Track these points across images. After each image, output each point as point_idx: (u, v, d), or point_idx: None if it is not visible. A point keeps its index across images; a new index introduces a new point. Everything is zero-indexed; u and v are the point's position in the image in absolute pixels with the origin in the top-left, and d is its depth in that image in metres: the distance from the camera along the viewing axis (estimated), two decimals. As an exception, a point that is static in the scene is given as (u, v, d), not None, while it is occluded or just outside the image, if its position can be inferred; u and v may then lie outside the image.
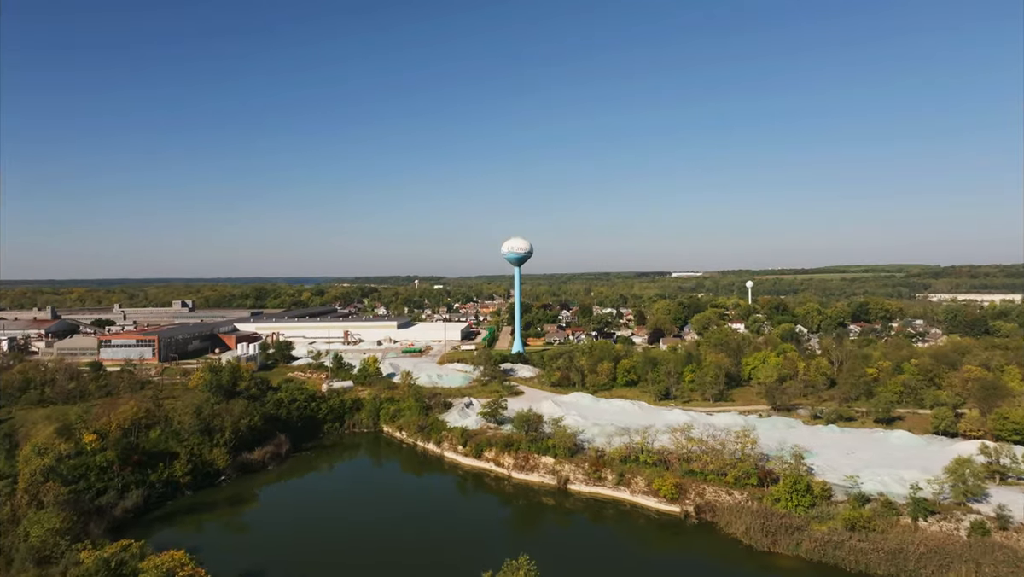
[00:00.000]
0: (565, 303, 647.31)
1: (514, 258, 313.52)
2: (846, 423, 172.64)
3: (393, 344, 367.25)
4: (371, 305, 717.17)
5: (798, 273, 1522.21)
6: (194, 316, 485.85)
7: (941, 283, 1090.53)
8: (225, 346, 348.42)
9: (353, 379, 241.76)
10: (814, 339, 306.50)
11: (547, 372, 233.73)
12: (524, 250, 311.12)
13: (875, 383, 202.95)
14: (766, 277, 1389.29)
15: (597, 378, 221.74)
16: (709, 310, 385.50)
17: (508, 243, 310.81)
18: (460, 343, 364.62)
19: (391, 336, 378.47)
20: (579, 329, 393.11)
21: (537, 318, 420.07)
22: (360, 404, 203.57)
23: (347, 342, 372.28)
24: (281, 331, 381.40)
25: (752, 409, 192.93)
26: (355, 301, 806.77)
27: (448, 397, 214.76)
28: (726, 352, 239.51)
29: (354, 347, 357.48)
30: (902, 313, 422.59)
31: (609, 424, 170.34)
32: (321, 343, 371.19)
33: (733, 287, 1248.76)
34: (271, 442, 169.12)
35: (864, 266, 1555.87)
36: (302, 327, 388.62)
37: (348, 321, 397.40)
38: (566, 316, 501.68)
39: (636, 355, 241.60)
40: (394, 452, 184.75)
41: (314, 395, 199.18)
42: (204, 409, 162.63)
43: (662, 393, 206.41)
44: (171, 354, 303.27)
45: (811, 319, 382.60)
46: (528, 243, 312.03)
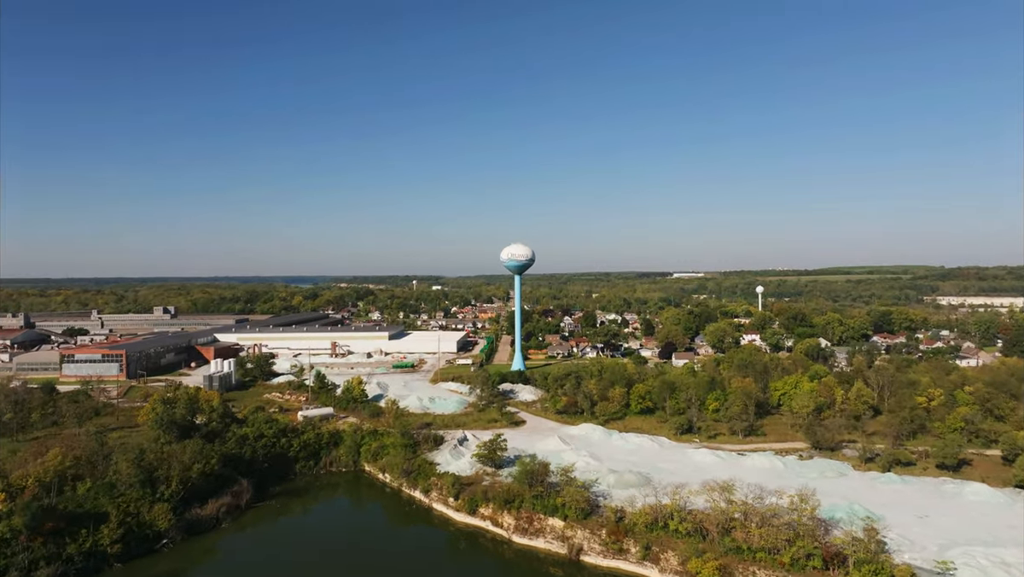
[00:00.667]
0: (567, 309, 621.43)
1: (514, 266, 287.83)
2: (904, 469, 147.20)
3: (384, 356, 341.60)
4: (365, 309, 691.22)
5: (802, 274, 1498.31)
6: (175, 324, 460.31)
7: (948, 285, 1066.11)
8: (203, 359, 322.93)
9: (335, 403, 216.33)
10: (841, 355, 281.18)
11: (552, 398, 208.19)
12: (525, 257, 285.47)
13: (927, 414, 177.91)
14: (770, 279, 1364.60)
15: (608, 406, 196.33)
16: (722, 321, 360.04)
17: (508, 250, 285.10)
18: (456, 356, 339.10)
19: (382, 348, 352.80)
20: (583, 340, 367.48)
21: (538, 327, 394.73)
22: (339, 438, 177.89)
23: (335, 354, 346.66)
24: (264, 342, 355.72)
25: (789, 448, 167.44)
26: (349, 305, 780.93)
27: (440, 428, 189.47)
28: (751, 374, 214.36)
29: (342, 360, 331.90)
30: (926, 323, 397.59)
31: (627, 469, 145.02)
32: (307, 355, 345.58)
33: (737, 289, 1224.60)
34: (229, 491, 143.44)
35: (868, 267, 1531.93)
36: (287, 337, 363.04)
37: (337, 331, 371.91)
38: (569, 324, 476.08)
39: (650, 378, 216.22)
40: (376, 497, 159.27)
41: (286, 428, 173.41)
42: (148, 454, 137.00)
43: (683, 426, 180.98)
44: (139, 371, 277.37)
45: (832, 330, 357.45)
46: (529, 250, 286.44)
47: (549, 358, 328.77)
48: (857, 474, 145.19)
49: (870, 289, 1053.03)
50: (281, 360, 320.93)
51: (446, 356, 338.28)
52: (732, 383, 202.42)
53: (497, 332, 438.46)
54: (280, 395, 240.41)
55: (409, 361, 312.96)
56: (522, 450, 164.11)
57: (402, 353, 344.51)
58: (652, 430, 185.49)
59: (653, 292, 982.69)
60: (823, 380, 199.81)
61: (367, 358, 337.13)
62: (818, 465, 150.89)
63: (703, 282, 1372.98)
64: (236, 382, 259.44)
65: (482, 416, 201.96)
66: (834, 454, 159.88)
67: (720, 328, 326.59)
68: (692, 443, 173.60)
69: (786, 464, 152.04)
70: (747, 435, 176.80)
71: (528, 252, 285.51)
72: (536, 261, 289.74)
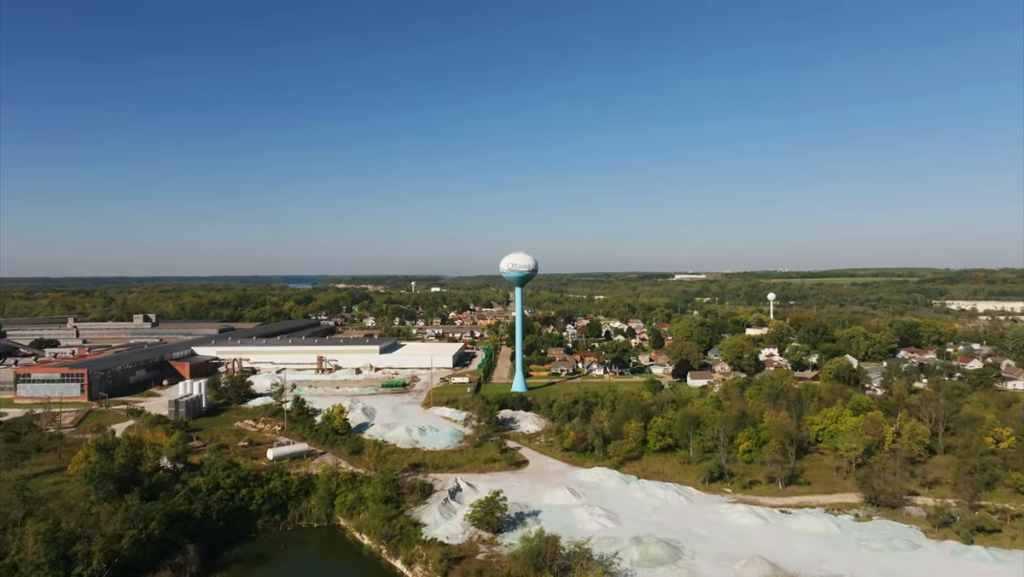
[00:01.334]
0: (569, 316, 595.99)
1: (515, 277, 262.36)
2: (990, 537, 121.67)
3: (374, 373, 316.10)
4: (359, 315, 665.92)
5: (806, 276, 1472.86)
6: (156, 333, 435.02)
7: (957, 289, 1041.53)
8: (177, 376, 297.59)
9: (313, 434, 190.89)
10: (874, 376, 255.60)
11: (558, 434, 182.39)
12: (527, 268, 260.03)
13: (998, 460, 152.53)
14: (774, 281, 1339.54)
15: (623, 444, 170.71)
16: (739, 336, 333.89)
17: (508, 260, 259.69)
18: (451, 372, 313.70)
19: (372, 362, 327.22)
20: (589, 354, 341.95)
21: (540, 340, 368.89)
22: (311, 484, 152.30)
23: (321, 370, 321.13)
24: (246, 356, 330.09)
25: (840, 502, 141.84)
26: (344, 310, 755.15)
27: (431, 469, 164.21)
28: (784, 404, 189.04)
29: (328, 377, 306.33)
30: (955, 336, 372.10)
31: (652, 535, 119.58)
32: (292, 370, 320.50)
33: (741, 292, 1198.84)
34: (169, 561, 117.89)
35: (873, 270, 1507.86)
36: (271, 351, 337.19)
37: (324, 344, 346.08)
38: (572, 334, 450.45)
39: (669, 410, 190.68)
40: (351, 559, 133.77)
41: (248, 476, 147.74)
42: (66, 522, 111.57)
43: (713, 473, 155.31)
44: (100, 393, 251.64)
45: (856, 345, 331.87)
46: (531, 259, 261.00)
47: (552, 376, 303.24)
48: (932, 545, 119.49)
49: (877, 292, 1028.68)
50: (262, 377, 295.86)
51: (441, 371, 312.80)
52: (764, 417, 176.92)
53: (496, 343, 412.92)
54: (253, 423, 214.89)
55: (400, 380, 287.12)
56: (525, 505, 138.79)
57: (393, 369, 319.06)
58: (676, 475, 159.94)
59: (657, 297, 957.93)
60: (869, 415, 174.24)
61: (356, 374, 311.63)
62: (881, 530, 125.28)
63: (706, 284, 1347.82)
64: (207, 406, 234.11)
65: (479, 454, 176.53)
66: (896, 513, 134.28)
67: (737, 343, 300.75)
68: (725, 494, 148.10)
69: (842, 527, 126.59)
70: (788, 484, 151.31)
71: (530, 262, 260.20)
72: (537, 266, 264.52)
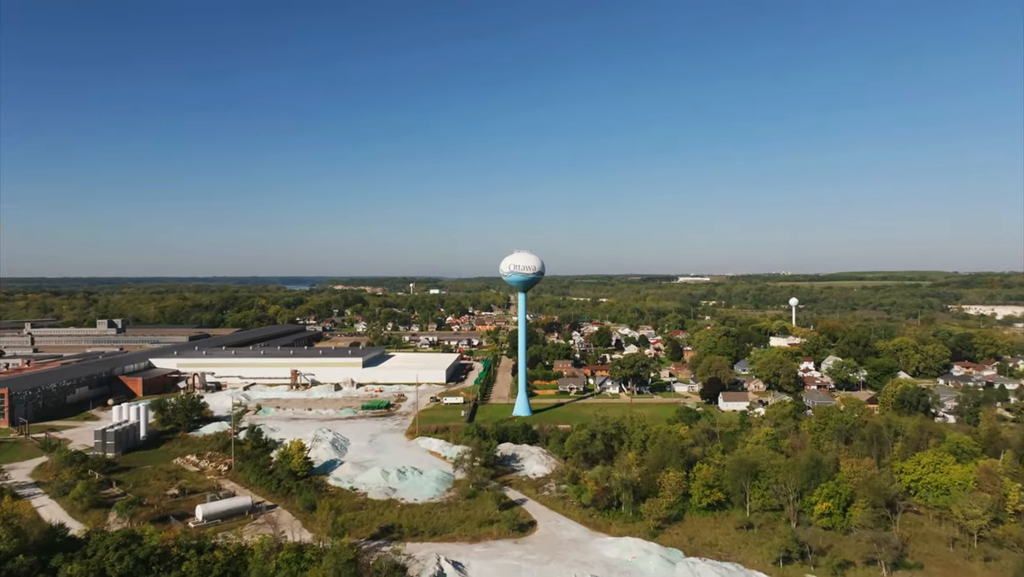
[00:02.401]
0: (575, 321, 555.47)
1: (518, 281, 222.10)
2: None
3: (355, 389, 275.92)
4: (351, 319, 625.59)
5: (813, 280, 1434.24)
6: (120, 340, 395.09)
7: (973, 293, 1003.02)
8: (128, 393, 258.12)
9: (265, 480, 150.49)
10: (947, 400, 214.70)
11: (574, 486, 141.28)
12: (531, 270, 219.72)
13: None
14: (780, 284, 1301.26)
15: (660, 502, 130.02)
16: (774, 349, 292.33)
17: (510, 260, 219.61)
18: (445, 388, 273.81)
19: (354, 377, 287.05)
20: (601, 368, 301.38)
21: (546, 351, 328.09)
22: (242, 563, 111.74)
23: (294, 386, 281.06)
24: (211, 369, 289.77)
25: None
26: (336, 313, 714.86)
27: (407, 534, 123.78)
28: (861, 445, 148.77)
29: (302, 394, 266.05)
30: (1012, 348, 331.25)
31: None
32: (262, 386, 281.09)
33: (748, 295, 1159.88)
34: None
35: (881, 273, 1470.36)
36: (240, 364, 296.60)
37: (300, 357, 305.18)
38: (580, 343, 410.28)
39: (716, 453, 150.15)
40: None
41: (152, 555, 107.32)
42: None
43: (789, 549, 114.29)
44: (20, 418, 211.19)
45: (906, 359, 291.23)
46: (537, 260, 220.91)
47: (560, 394, 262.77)
48: None
49: (889, 296, 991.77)
50: (224, 395, 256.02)
51: (433, 389, 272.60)
52: (841, 464, 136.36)
53: (496, 353, 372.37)
54: (197, 460, 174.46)
55: (383, 400, 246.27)
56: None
57: (378, 385, 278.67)
58: (734, 548, 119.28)
59: (665, 301, 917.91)
60: (980, 463, 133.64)
61: (334, 392, 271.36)
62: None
63: (712, 287, 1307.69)
64: (147, 435, 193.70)
65: (471, 510, 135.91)
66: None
67: (773, 358, 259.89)
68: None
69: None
70: (895, 567, 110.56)
71: (535, 263, 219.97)
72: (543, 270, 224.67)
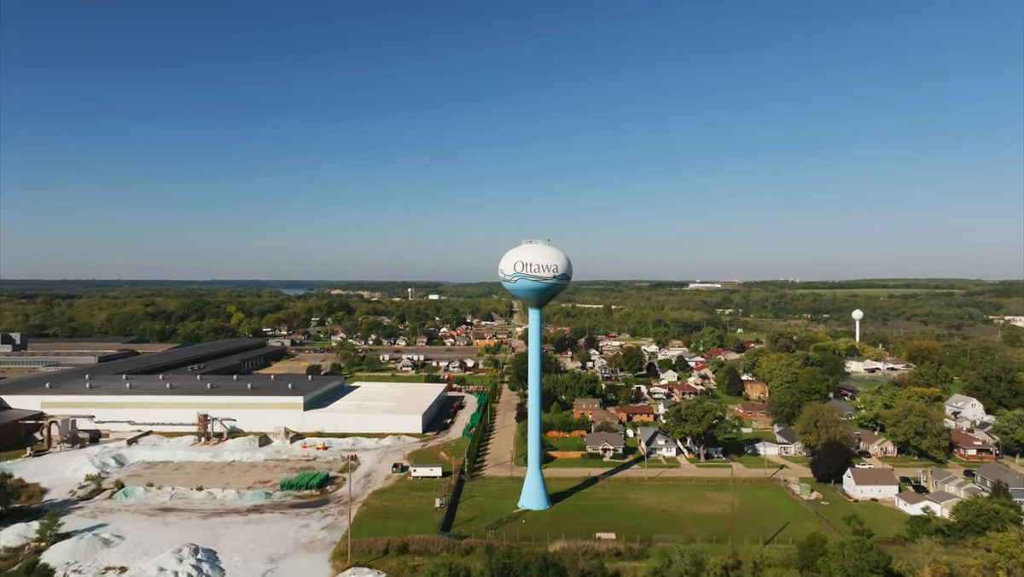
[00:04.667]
0: (592, 336, 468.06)
1: (530, 289, 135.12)
2: None
3: (290, 445, 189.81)
4: (328, 330, 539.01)
5: (835, 287, 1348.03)
6: (10, 361, 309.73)
7: (1014, 302, 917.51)
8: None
9: None
10: None
11: None
12: (552, 272, 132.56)
13: None
14: (802, 292, 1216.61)
15: None
16: (909, 394, 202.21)
17: (515, 256, 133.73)
18: (421, 440, 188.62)
19: (289, 425, 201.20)
20: (639, 409, 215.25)
21: (563, 384, 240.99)
22: None
23: (202, 437, 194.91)
24: (90, 411, 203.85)
25: None
26: (318, 322, 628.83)
27: None
28: None
29: (208, 453, 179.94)
30: None
31: None
32: (157, 437, 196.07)
33: (767, 303, 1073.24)
34: None
35: (906, 280, 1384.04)
36: (135, 403, 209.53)
37: (217, 395, 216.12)
38: (602, 367, 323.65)
39: None
40: None
41: None
42: None
43: None
44: None
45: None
46: (560, 257, 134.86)
47: (590, 459, 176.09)
48: None
49: (923, 306, 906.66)
50: (84, 457, 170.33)
51: (402, 444, 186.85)
52: None
53: (495, 382, 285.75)
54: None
55: (316, 474, 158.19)
56: None
57: (322, 440, 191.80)
58: None
59: (683, 309, 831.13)
60: None
61: (256, 448, 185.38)
62: None
63: (726, 295, 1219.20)
64: None
65: None
66: None
67: (911, 408, 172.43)
68: None
69: None
70: None
71: (557, 261, 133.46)
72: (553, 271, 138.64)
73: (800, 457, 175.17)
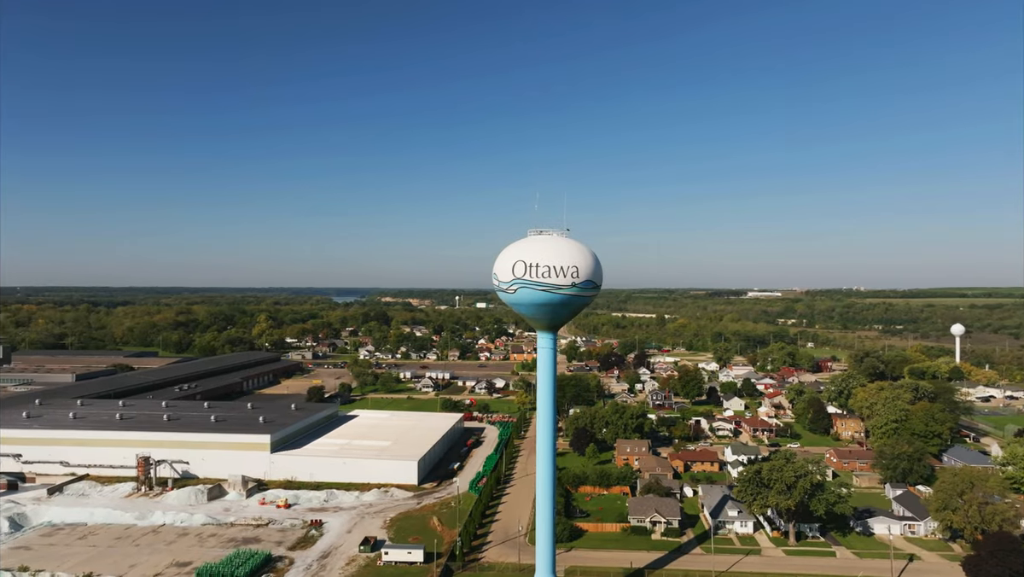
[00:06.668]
0: (643, 352, 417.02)
1: (536, 305, 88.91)
2: None
3: (245, 500, 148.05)
4: (355, 343, 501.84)
5: (908, 296, 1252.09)
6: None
7: None
8: None
9: None
10: None
11: None
12: (570, 278, 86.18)
13: None
14: (871, 301, 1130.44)
15: None
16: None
17: (515, 253, 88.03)
18: (415, 494, 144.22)
19: (247, 473, 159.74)
20: (699, 456, 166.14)
21: (601, 417, 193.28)
22: None
23: (143, 484, 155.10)
24: (17, 449, 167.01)
25: None
26: (350, 332, 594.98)
27: None
28: None
29: (135, 512, 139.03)
30: None
31: None
32: (93, 482, 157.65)
33: (834, 313, 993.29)
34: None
35: (984, 289, 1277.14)
36: (74, 440, 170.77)
37: (169, 432, 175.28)
38: (653, 391, 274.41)
39: None
40: None
41: None
42: None
43: None
44: None
45: None
46: (585, 254, 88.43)
47: (632, 535, 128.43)
48: None
49: (1011, 317, 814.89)
50: (19, 498, 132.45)
51: (388, 499, 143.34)
52: None
53: (523, 410, 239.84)
54: None
55: (254, 555, 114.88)
56: None
57: (284, 497, 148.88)
58: None
59: (743, 321, 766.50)
60: None
61: (204, 503, 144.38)
62: None
63: (788, 304, 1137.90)
64: None
65: None
66: None
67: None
68: None
69: None
70: None
71: (580, 261, 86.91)
72: (593, 280, 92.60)
73: (935, 542, 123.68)
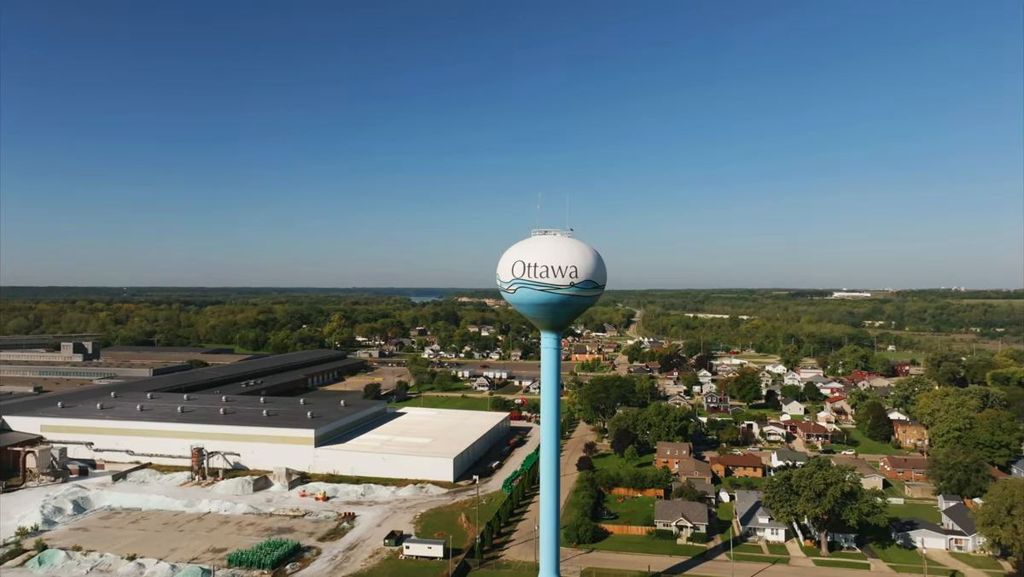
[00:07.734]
0: (707, 354, 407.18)
1: (534, 304, 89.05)
2: None
3: (287, 491, 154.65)
4: (420, 342, 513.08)
5: (1011, 297, 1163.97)
6: (75, 371, 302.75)
7: None
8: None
9: None
10: None
11: None
12: (569, 277, 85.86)
13: None
14: (969, 302, 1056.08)
15: None
16: None
17: (516, 254, 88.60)
18: (450, 491, 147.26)
19: (294, 464, 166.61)
20: (742, 459, 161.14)
21: (644, 419, 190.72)
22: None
23: (196, 474, 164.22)
24: (88, 438, 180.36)
25: None
26: (419, 331, 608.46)
27: None
28: None
29: (185, 498, 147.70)
30: None
31: None
32: (154, 470, 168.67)
33: (926, 314, 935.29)
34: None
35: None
36: (136, 431, 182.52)
37: (224, 424, 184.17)
38: (709, 393, 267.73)
39: None
40: None
41: None
42: None
43: None
44: None
45: None
46: (586, 253, 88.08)
47: (656, 539, 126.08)
48: None
49: None
50: (39, 495, 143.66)
51: (422, 495, 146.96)
52: None
53: (571, 409, 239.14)
54: None
55: (284, 545, 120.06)
56: None
57: (323, 489, 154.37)
58: None
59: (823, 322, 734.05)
60: None
61: (250, 493, 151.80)
62: None
63: (876, 305, 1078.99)
64: None
65: None
66: None
67: None
68: None
69: None
70: None
71: (579, 260, 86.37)
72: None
73: (983, 559, 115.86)
